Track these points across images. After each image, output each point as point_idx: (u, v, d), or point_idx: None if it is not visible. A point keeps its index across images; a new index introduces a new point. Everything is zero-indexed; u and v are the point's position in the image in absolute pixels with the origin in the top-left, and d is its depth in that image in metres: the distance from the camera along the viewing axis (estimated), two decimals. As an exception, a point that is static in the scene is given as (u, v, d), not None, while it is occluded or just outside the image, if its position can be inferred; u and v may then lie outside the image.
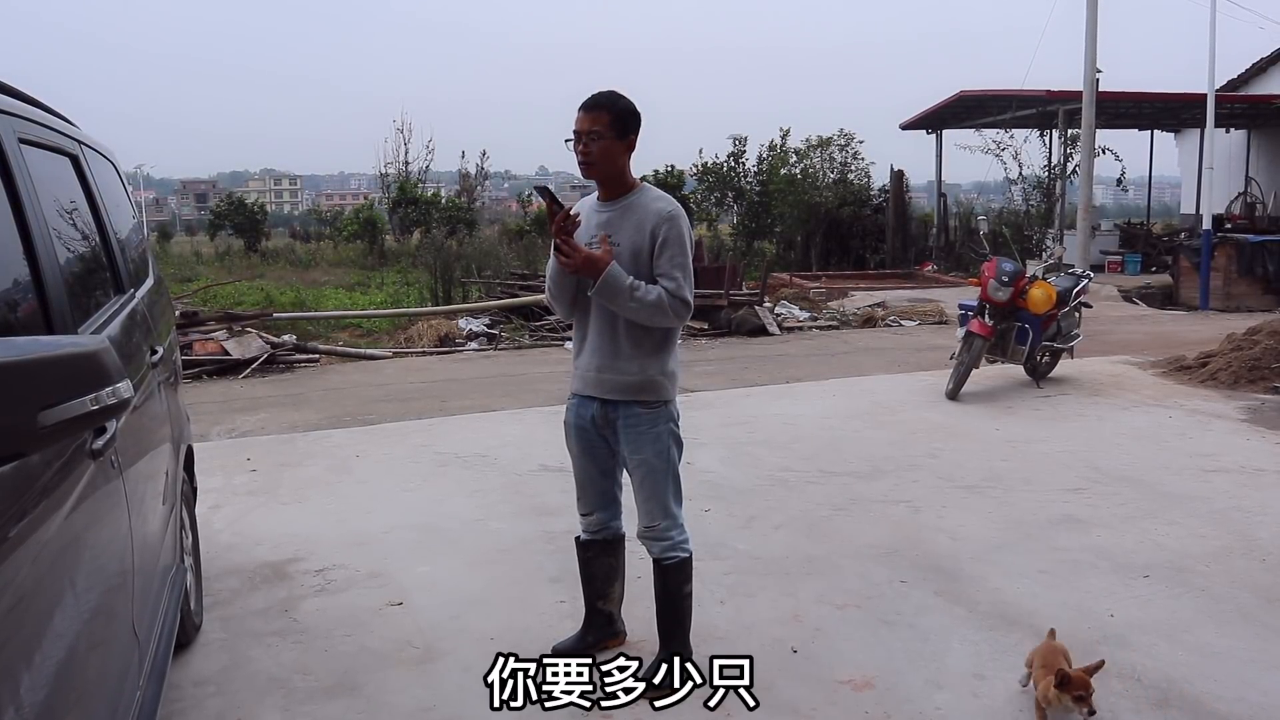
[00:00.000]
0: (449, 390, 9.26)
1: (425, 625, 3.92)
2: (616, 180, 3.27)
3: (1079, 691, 2.98)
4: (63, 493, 1.81)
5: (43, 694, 1.58)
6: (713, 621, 3.85)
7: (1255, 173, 24.46)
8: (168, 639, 2.77)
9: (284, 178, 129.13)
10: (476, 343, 12.59)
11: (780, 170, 25.27)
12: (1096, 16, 17.25)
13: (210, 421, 7.76)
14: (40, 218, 2.20)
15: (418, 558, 4.68)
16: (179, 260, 27.49)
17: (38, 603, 1.63)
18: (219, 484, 5.90)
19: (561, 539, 4.48)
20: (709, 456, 6.33)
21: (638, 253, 3.21)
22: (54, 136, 2.70)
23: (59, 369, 1.51)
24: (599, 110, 3.16)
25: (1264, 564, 4.48)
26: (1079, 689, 2.99)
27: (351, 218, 30.95)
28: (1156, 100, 21.70)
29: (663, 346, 3.29)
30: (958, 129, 24.63)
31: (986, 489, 5.64)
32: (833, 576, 4.34)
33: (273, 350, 11.03)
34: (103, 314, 2.70)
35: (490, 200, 45.43)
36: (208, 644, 3.79)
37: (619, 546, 3.62)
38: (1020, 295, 8.30)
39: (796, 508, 5.33)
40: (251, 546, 4.87)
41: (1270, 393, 8.19)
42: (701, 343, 12.29)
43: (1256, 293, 16.66)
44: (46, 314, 2.07)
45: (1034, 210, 22.34)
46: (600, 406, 3.34)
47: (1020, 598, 4.12)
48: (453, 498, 5.65)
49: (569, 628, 3.73)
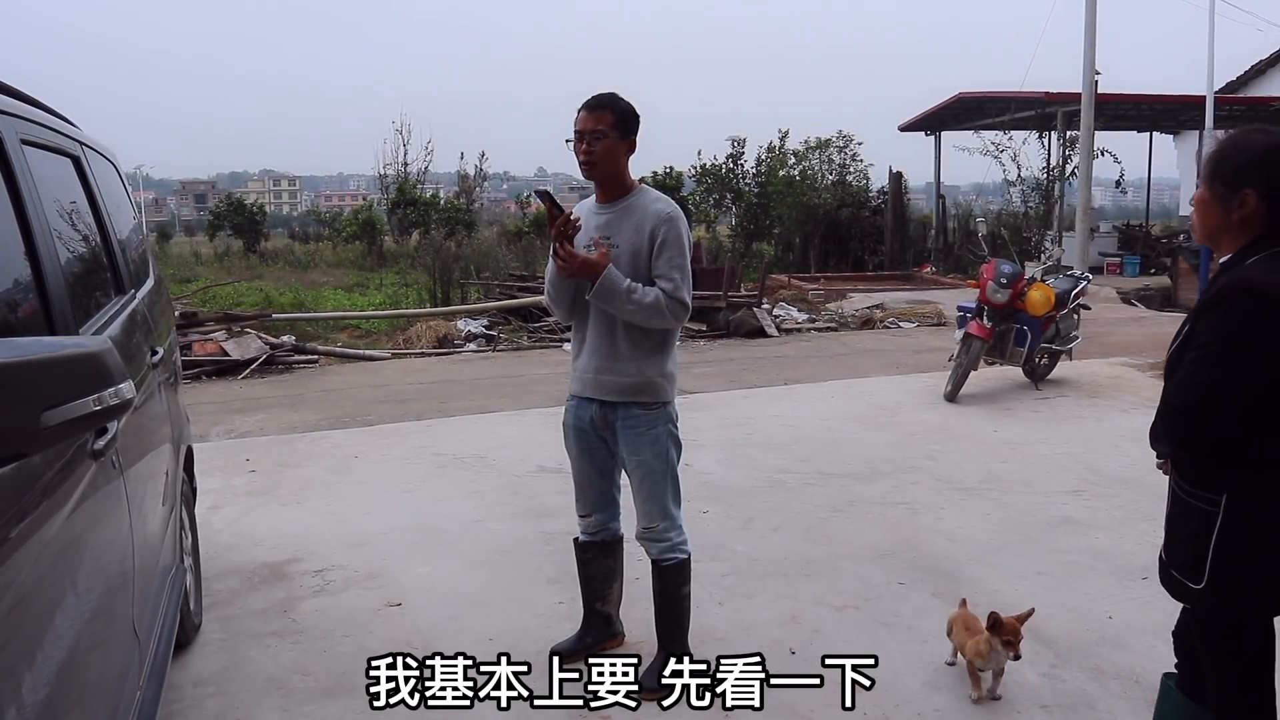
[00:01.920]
0: (448, 391, 9.26)
1: (424, 626, 3.92)
2: (616, 181, 3.28)
3: (1008, 636, 3.16)
4: (64, 493, 1.81)
5: (44, 693, 1.59)
6: (711, 623, 3.86)
7: (1254, 175, 24.44)
8: (168, 639, 2.77)
9: (283, 178, 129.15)
10: (475, 344, 12.59)
11: (779, 172, 25.27)
12: (1095, 18, 17.27)
13: (209, 422, 7.76)
14: (42, 218, 2.21)
15: (416, 559, 4.68)
16: (178, 261, 27.47)
17: (39, 602, 1.64)
18: (218, 484, 5.90)
19: (560, 540, 4.49)
20: (707, 458, 6.34)
21: (636, 254, 3.22)
22: (56, 138, 2.71)
23: (62, 369, 1.52)
24: (602, 110, 3.18)
25: None
26: (1009, 633, 3.16)
27: (350, 219, 30.91)
28: (1155, 102, 21.73)
29: (661, 348, 3.30)
30: (956, 131, 24.66)
31: (985, 491, 5.65)
32: (831, 578, 4.35)
33: (272, 351, 11.03)
34: (104, 314, 2.71)
35: (489, 201, 45.42)
36: (207, 644, 3.79)
37: (617, 548, 3.63)
38: (1019, 297, 8.31)
39: (795, 509, 5.33)
40: (251, 547, 4.87)
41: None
42: (700, 344, 12.30)
43: (1255, 295, 16.66)
44: (48, 314, 2.08)
45: (1032, 212, 22.38)
46: (599, 408, 3.34)
47: (1019, 599, 4.12)
48: (451, 499, 5.65)
49: (567, 629, 3.74)
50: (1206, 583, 2.22)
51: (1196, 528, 2.23)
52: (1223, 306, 2.14)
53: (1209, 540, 2.20)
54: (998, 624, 3.18)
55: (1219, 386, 2.11)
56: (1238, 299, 2.11)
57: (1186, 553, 2.27)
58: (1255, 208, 2.16)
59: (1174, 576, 2.32)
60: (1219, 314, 2.14)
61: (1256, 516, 2.16)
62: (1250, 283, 2.11)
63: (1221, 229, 2.24)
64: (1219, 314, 2.14)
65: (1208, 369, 2.13)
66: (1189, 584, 2.27)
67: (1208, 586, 2.22)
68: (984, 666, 3.25)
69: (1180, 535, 2.30)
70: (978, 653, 3.23)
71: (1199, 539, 2.22)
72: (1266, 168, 2.15)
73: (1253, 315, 2.09)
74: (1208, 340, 2.15)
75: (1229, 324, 2.12)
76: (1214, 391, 2.12)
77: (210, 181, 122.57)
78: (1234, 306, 2.12)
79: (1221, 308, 2.14)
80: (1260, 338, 2.08)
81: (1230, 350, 2.11)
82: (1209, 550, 2.20)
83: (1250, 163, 2.17)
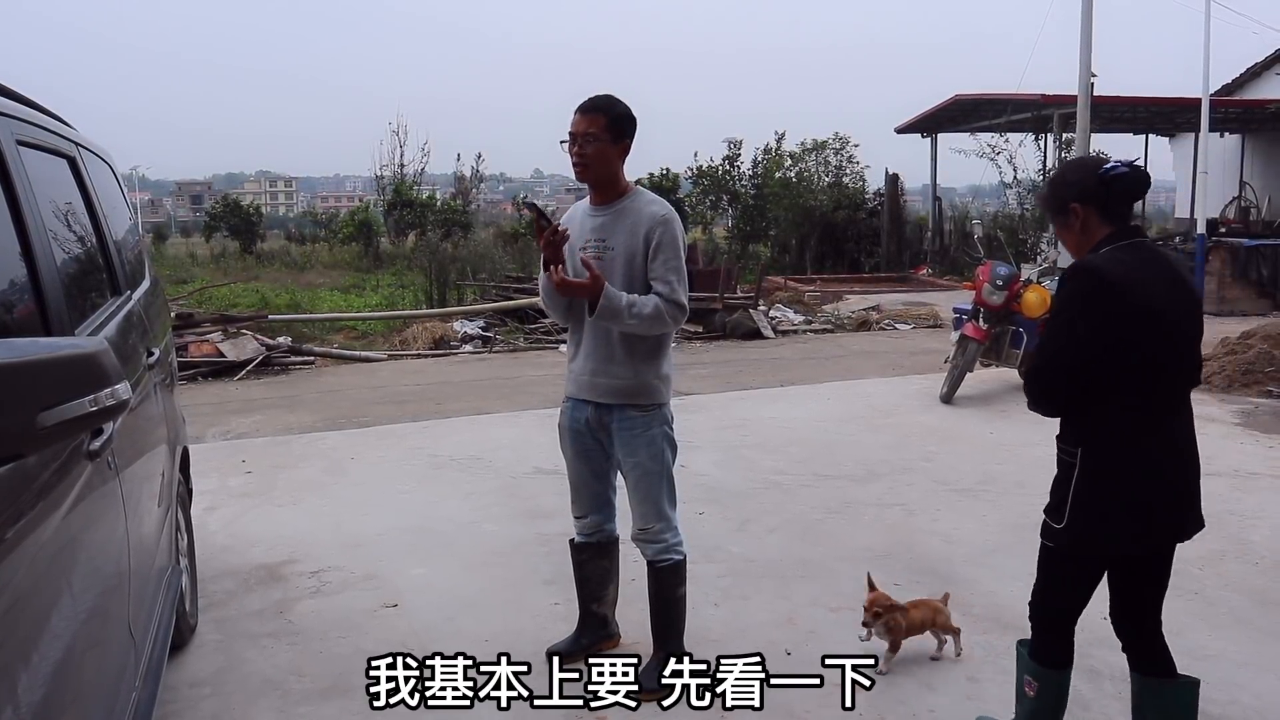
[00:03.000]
0: (444, 393, 9.26)
1: (420, 627, 3.92)
2: (610, 184, 3.28)
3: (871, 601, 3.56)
4: (60, 494, 1.82)
5: (40, 694, 1.59)
6: (707, 624, 3.86)
7: (1250, 177, 24.53)
8: (163, 640, 2.78)
9: (279, 179, 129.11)
10: (471, 345, 12.58)
11: (775, 173, 25.27)
12: (1092, 21, 17.29)
13: (206, 423, 7.75)
14: (38, 219, 2.21)
15: (412, 560, 4.68)
16: (174, 262, 27.41)
17: (35, 603, 1.64)
18: (214, 486, 5.90)
19: (556, 541, 4.48)
20: (703, 459, 6.34)
21: (631, 257, 3.22)
22: (52, 139, 2.71)
23: (58, 370, 1.52)
24: (596, 113, 3.18)
25: (1257, 567, 4.50)
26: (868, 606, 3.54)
27: (347, 220, 30.86)
28: (1151, 104, 21.75)
29: (657, 350, 3.30)
30: (953, 133, 24.65)
31: (981, 492, 5.66)
32: (827, 579, 4.36)
33: (268, 352, 11.02)
34: (100, 315, 2.71)
35: (485, 203, 45.41)
36: (203, 645, 3.79)
37: (613, 549, 3.63)
38: (1015, 299, 8.32)
39: (791, 511, 5.34)
40: (246, 548, 4.87)
41: (1264, 396, 8.22)
42: (696, 346, 12.30)
43: (1251, 296, 16.71)
44: (44, 315, 2.08)
45: (1029, 214, 22.36)
46: (594, 410, 3.35)
47: (1014, 601, 4.11)
48: (447, 500, 5.65)
49: (563, 630, 3.74)
50: (1066, 523, 2.61)
51: (1062, 476, 2.64)
52: (1069, 284, 2.54)
53: (1069, 487, 2.59)
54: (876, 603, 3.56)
55: (1061, 350, 2.51)
56: (1080, 277, 2.52)
57: (1055, 497, 2.66)
58: (1084, 213, 2.59)
59: (1045, 520, 2.69)
60: (1065, 290, 2.55)
61: (1101, 466, 2.55)
62: (1089, 263, 2.52)
63: (1079, 243, 2.63)
64: (1065, 290, 2.55)
65: (1053, 337, 2.56)
66: (1053, 524, 2.65)
67: (1066, 525, 2.61)
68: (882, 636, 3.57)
69: (1053, 484, 2.68)
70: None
71: (1063, 486, 2.62)
72: (1070, 182, 2.64)
73: (1090, 290, 2.48)
74: (1056, 312, 2.58)
75: (1071, 297, 2.52)
76: (1057, 354, 2.52)
77: (206, 182, 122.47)
78: (1077, 283, 2.51)
79: (1068, 285, 2.54)
80: (1095, 308, 2.46)
81: (1071, 319, 2.49)
82: (1069, 495, 2.59)
83: (1060, 185, 2.66)
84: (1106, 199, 2.57)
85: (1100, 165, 2.60)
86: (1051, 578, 2.75)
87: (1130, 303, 2.46)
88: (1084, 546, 2.62)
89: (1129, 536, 2.57)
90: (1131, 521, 2.55)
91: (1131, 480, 2.53)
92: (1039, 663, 2.78)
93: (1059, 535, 2.64)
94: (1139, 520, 2.55)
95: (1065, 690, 2.81)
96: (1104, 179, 2.56)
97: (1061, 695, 2.80)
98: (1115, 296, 2.45)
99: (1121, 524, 2.55)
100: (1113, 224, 2.57)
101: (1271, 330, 9.40)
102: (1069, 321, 2.49)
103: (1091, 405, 2.53)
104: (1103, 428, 2.54)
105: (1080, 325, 2.47)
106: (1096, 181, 2.57)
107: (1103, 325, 2.46)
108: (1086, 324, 2.46)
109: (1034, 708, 2.79)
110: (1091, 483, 2.55)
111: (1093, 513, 2.56)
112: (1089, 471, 2.56)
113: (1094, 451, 2.55)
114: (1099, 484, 2.55)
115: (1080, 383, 2.50)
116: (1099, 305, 2.46)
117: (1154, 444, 2.55)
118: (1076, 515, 2.58)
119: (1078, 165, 2.78)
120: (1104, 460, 2.54)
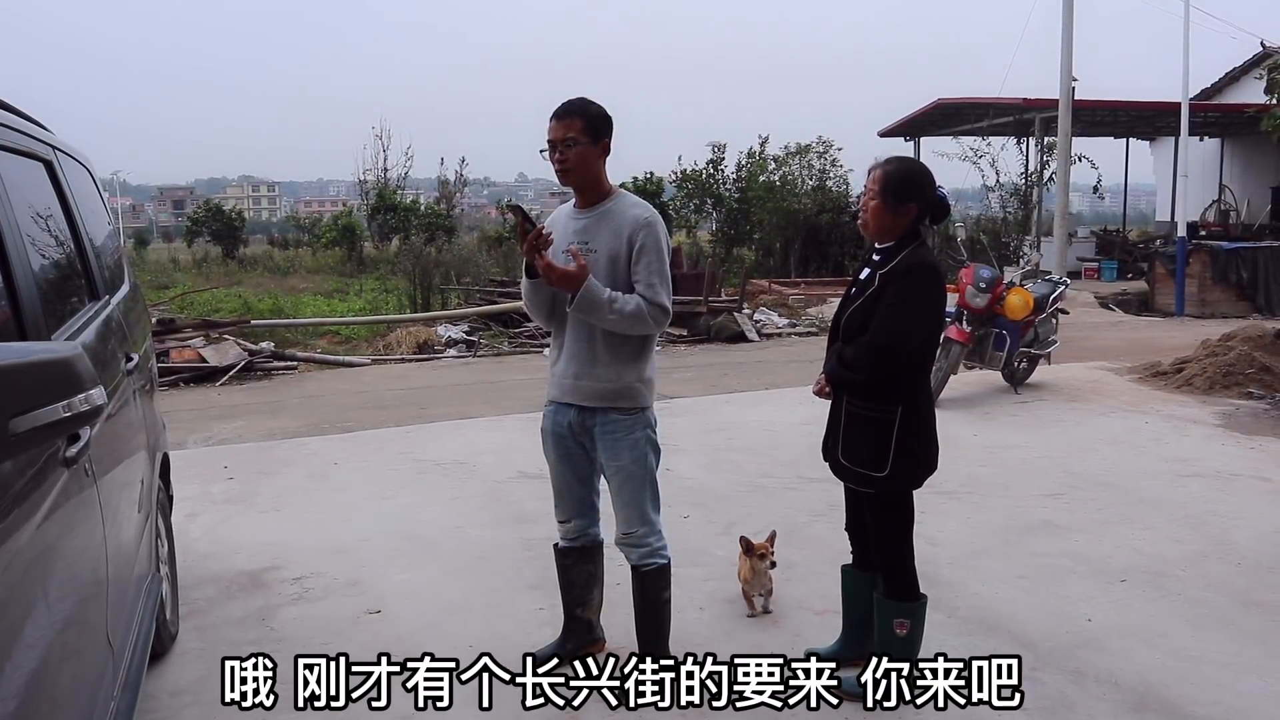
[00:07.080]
0: (427, 397, 9.23)
1: (404, 633, 3.90)
2: (593, 186, 3.27)
3: (761, 551, 3.95)
4: (35, 501, 1.79)
5: (14, 704, 1.57)
6: (692, 628, 3.85)
7: (1229, 180, 24.75)
8: (143, 649, 2.74)
9: (262, 184, 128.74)
10: (455, 350, 12.56)
11: (759, 177, 25.32)
12: (1072, 26, 17.42)
13: (187, 429, 7.70)
14: (13, 223, 2.18)
15: (396, 566, 4.66)
16: (156, 267, 27.30)
17: (10, 612, 1.61)
18: (196, 492, 5.85)
19: (540, 546, 4.47)
20: (688, 463, 6.34)
21: (615, 259, 3.21)
22: (27, 142, 2.68)
23: (30, 375, 1.50)
24: (571, 116, 3.17)
25: (1239, 568, 4.52)
26: (761, 550, 3.95)
27: (330, 225, 30.83)
28: (1132, 108, 21.94)
29: (640, 353, 3.29)
30: (936, 136, 24.80)
31: (964, 495, 5.67)
32: (812, 582, 4.35)
33: (250, 358, 10.96)
34: (77, 321, 2.68)
35: (469, 207, 45.37)
36: (184, 653, 3.75)
37: (597, 553, 3.62)
38: (998, 301, 8.36)
39: (776, 514, 5.33)
40: (228, 555, 4.83)
41: (1244, 398, 8.27)
42: (680, 349, 12.31)
43: (1231, 299, 16.85)
44: (19, 320, 2.05)
45: (1011, 217, 22.49)
46: (577, 413, 3.33)
47: (999, 603, 4.14)
48: (431, 505, 5.62)
49: (548, 635, 3.72)
50: (890, 469, 3.11)
51: (878, 432, 3.12)
52: (910, 275, 3.06)
53: (890, 439, 3.10)
54: (750, 547, 3.98)
55: (912, 329, 3.04)
56: (921, 270, 3.07)
57: (870, 451, 3.15)
58: (912, 216, 3.14)
59: (857, 472, 3.19)
60: (908, 280, 3.06)
61: (915, 418, 3.12)
62: (924, 259, 3.11)
63: (889, 228, 3.14)
64: (908, 280, 3.06)
65: (903, 318, 3.04)
66: (873, 474, 3.14)
67: (891, 472, 3.11)
68: (754, 588, 3.98)
69: (860, 441, 3.18)
70: (746, 577, 3.99)
71: (881, 440, 3.11)
72: (921, 186, 3.14)
73: (930, 280, 3.08)
74: (901, 299, 3.05)
75: (916, 286, 3.06)
76: (908, 331, 3.04)
77: (189, 187, 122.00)
78: (918, 275, 3.06)
79: (909, 276, 3.06)
80: (934, 295, 3.10)
81: (918, 304, 3.05)
82: (890, 446, 3.10)
83: (913, 184, 3.14)
84: (933, 211, 3.19)
85: (934, 184, 3.18)
86: (905, 518, 3.24)
87: (944, 289, 3.18)
88: (909, 484, 3.18)
89: (928, 471, 3.21)
90: (931, 459, 3.21)
91: (929, 428, 3.19)
92: (911, 599, 3.24)
93: (882, 484, 3.14)
94: (934, 458, 3.23)
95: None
96: (940, 198, 3.19)
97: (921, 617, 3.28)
98: (942, 285, 3.15)
99: (929, 462, 3.20)
100: (915, 227, 3.15)
101: (1252, 332, 9.46)
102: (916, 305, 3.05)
103: (915, 372, 3.13)
104: (918, 389, 3.15)
105: (925, 308, 3.08)
106: (935, 196, 3.17)
107: (941, 308, 3.18)
108: (928, 307, 3.09)
109: (910, 639, 3.22)
110: (909, 433, 3.11)
111: (911, 457, 3.13)
112: (908, 424, 3.11)
113: (913, 408, 3.12)
114: (916, 434, 3.13)
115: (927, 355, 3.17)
116: (935, 291, 3.10)
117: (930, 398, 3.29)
118: (900, 462, 3.11)
119: (926, 175, 3.22)
120: (920, 415, 3.15)
